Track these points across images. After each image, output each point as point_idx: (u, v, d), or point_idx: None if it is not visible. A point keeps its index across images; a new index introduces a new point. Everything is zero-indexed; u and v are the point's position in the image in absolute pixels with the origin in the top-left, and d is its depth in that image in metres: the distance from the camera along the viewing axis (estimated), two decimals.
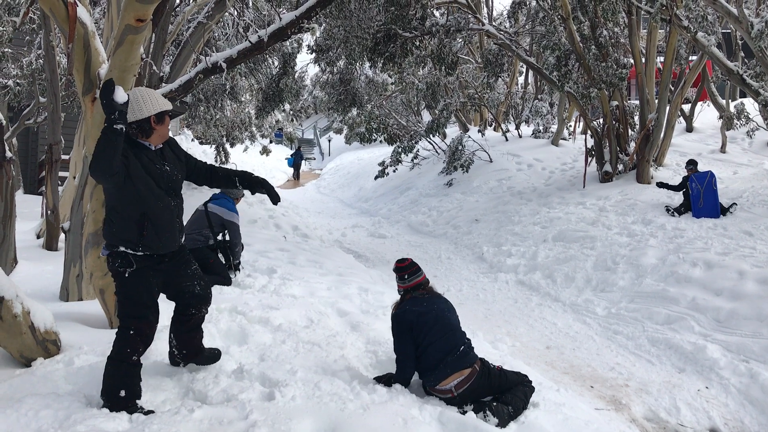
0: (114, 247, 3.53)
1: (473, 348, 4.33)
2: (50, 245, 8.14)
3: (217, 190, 7.89)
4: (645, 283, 8.12)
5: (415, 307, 4.29)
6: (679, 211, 10.42)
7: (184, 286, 3.78)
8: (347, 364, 4.51)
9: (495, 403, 3.99)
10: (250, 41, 4.88)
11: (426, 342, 4.19)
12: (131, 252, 3.52)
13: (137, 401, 3.51)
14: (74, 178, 7.51)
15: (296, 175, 29.89)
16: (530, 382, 4.35)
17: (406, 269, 4.46)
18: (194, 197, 10.79)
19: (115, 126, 3.18)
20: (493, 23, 18.49)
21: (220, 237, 7.24)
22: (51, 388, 3.58)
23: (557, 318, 7.82)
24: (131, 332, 3.50)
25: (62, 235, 6.84)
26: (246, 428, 3.34)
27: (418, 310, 4.26)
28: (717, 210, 9.95)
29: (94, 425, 3.20)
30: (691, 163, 11.18)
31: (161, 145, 3.64)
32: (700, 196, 10.18)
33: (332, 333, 5.24)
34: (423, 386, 4.31)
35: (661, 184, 11.20)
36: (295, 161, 29.77)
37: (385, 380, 4.25)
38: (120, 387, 3.45)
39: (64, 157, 9.03)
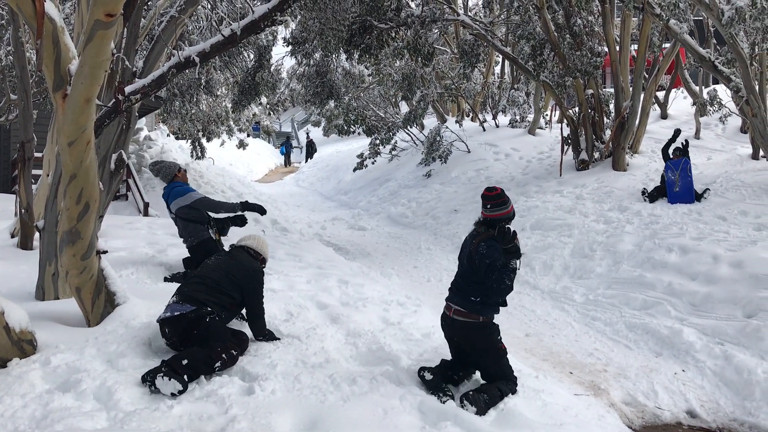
0: None
1: (459, 293, 4.61)
2: (25, 244, 8.02)
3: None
4: (622, 270, 8.22)
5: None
6: (653, 196, 10.50)
7: None
8: (327, 357, 4.52)
9: (471, 392, 4.03)
10: (222, 35, 4.84)
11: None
12: None
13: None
14: (48, 175, 7.40)
15: (287, 162, 32.28)
16: (515, 384, 4.36)
17: (491, 199, 4.53)
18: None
19: None
20: (469, 13, 18.51)
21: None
22: (27, 388, 3.55)
23: (536, 305, 7.89)
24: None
25: (37, 234, 6.73)
26: (226, 423, 3.34)
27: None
28: (692, 195, 10.07)
29: (72, 424, 3.18)
30: (678, 151, 11.20)
31: None
32: (675, 182, 10.30)
33: (312, 326, 5.24)
34: None
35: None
36: (286, 149, 32.53)
37: None
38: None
39: (37, 154, 8.87)
